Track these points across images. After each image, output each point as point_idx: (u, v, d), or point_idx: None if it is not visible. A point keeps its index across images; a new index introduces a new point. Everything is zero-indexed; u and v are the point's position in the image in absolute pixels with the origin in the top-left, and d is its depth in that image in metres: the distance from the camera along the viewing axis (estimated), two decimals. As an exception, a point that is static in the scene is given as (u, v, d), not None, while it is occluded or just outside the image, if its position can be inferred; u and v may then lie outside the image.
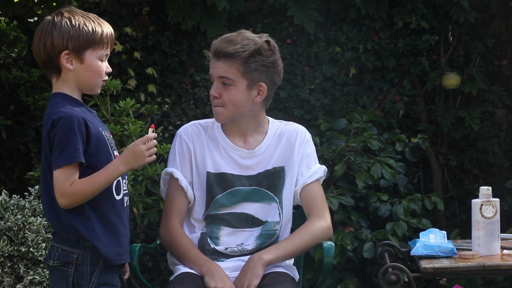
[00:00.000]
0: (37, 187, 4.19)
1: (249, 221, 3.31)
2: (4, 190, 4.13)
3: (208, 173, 3.30)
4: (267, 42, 3.30)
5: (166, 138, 5.13)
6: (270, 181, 3.32)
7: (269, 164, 3.32)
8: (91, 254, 2.94)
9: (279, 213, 3.33)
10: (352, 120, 5.08)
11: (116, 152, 3.04)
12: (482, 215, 3.42)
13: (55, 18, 2.98)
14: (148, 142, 2.93)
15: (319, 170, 3.35)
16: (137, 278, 3.14)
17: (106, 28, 3.01)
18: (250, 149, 3.32)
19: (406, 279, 3.35)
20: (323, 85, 5.30)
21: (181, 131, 3.36)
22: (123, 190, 3.03)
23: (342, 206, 4.77)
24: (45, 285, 3.89)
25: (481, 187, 3.48)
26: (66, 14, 2.99)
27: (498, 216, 3.44)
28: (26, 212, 4.01)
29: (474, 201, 3.46)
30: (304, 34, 5.17)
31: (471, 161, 5.34)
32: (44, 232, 3.92)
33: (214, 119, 3.35)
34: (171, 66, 5.20)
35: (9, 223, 3.89)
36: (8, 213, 3.96)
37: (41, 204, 4.10)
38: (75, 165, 2.89)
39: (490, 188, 3.47)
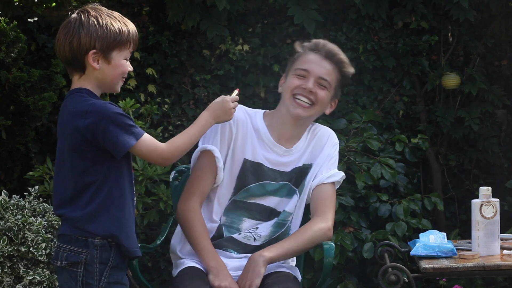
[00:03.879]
0: (37, 187, 4.19)
1: (269, 213, 3.36)
2: (4, 190, 4.13)
3: (246, 160, 3.33)
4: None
5: (166, 138, 5.13)
6: (298, 177, 3.39)
7: (301, 162, 3.39)
8: (100, 253, 2.95)
9: (296, 205, 3.36)
10: (352, 120, 5.08)
11: None
12: (482, 215, 3.43)
13: (82, 17, 2.97)
14: (234, 101, 3.18)
15: (338, 174, 3.41)
16: (137, 278, 3.14)
17: (131, 27, 3.03)
18: (287, 147, 3.37)
19: (406, 279, 3.35)
20: (323, 85, 5.29)
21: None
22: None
23: (342, 206, 4.77)
24: (45, 285, 3.89)
25: (481, 187, 3.48)
26: (92, 13, 2.98)
27: (498, 216, 3.45)
28: (26, 212, 4.01)
29: (474, 201, 3.46)
30: (304, 34, 5.16)
31: (471, 161, 5.34)
32: (44, 232, 3.92)
33: (257, 110, 3.41)
34: (171, 66, 5.20)
35: (9, 223, 3.90)
36: (8, 213, 3.96)
37: (41, 204, 4.10)
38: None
39: (490, 188, 3.47)
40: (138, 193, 4.39)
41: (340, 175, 3.42)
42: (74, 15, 2.99)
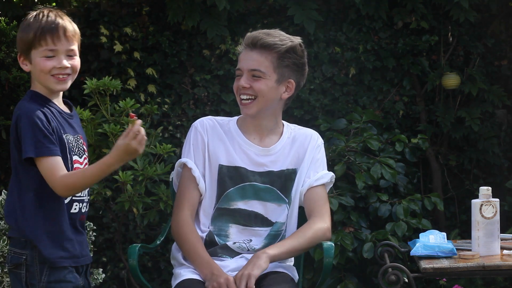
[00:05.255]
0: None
1: (258, 220, 3.32)
2: (4, 190, 4.13)
3: (221, 166, 3.31)
4: (301, 44, 3.34)
5: (166, 138, 5.13)
6: (283, 182, 3.35)
7: (284, 165, 3.35)
8: (39, 254, 2.95)
9: (287, 214, 3.34)
10: (352, 120, 5.08)
11: (76, 157, 3.03)
12: (482, 215, 3.42)
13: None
14: (137, 136, 2.90)
15: (327, 176, 3.38)
16: (136, 278, 3.14)
17: (50, 22, 2.98)
18: (264, 146, 3.34)
19: (406, 279, 3.35)
20: (323, 85, 5.30)
21: (197, 123, 3.39)
22: (78, 201, 3.04)
23: (342, 206, 4.77)
24: (45, 285, 3.88)
25: (481, 187, 3.48)
26: (27, 17, 3.03)
27: (498, 216, 3.44)
28: (26, 212, 4.00)
29: (474, 201, 3.46)
30: (304, 34, 5.16)
31: (471, 161, 5.34)
32: (44, 232, 3.91)
33: (230, 118, 3.38)
34: (171, 66, 5.20)
35: (9, 223, 3.88)
36: (8, 213, 3.95)
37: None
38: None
39: (490, 188, 3.47)
40: (138, 193, 4.39)
41: (329, 176, 3.39)
42: None
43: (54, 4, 5.27)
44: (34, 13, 3.01)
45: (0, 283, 3.90)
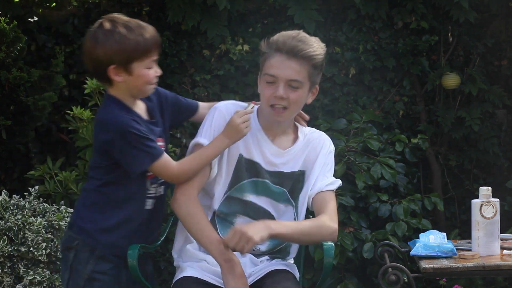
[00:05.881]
0: (37, 187, 4.19)
1: (266, 217, 3.28)
2: (4, 190, 4.13)
3: (241, 156, 3.27)
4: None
5: (166, 138, 5.13)
6: (292, 184, 3.32)
7: (295, 167, 3.32)
8: (92, 241, 3.04)
9: (294, 218, 3.33)
10: (352, 120, 5.08)
11: None
12: (482, 215, 3.43)
13: (98, 33, 3.01)
14: (243, 116, 3.16)
15: (336, 182, 3.35)
16: (136, 278, 3.14)
17: (149, 35, 3.06)
18: (282, 148, 3.31)
19: (406, 279, 3.35)
20: (322, 85, 5.30)
21: (221, 106, 3.31)
22: (150, 193, 3.14)
23: (342, 206, 4.77)
24: (45, 285, 3.89)
25: (481, 187, 3.48)
26: (108, 26, 3.01)
27: (498, 216, 3.45)
28: (26, 212, 4.02)
29: (474, 201, 3.46)
30: (304, 34, 5.16)
31: (471, 161, 5.34)
32: (44, 232, 3.92)
33: (248, 103, 3.34)
34: (171, 66, 5.20)
35: (9, 223, 3.90)
36: (8, 213, 3.96)
37: (41, 204, 4.11)
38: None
39: (490, 188, 3.47)
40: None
41: (338, 183, 3.38)
42: (92, 29, 3.04)
43: (54, 4, 5.27)
44: (121, 21, 3.02)
45: (0, 283, 3.90)
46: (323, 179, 3.33)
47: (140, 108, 3.13)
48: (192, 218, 3.18)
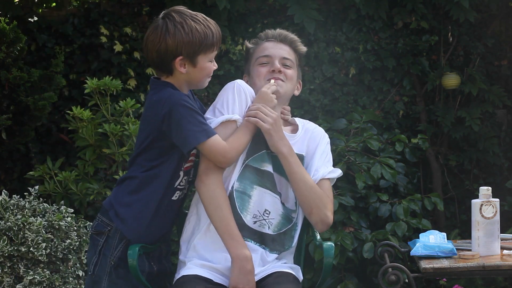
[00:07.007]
0: (37, 187, 4.19)
1: (274, 185, 3.33)
2: (4, 190, 4.13)
3: (258, 129, 3.30)
4: None
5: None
6: None
7: (301, 150, 3.38)
8: (124, 228, 3.09)
9: (295, 202, 3.35)
10: (352, 120, 5.08)
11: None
12: (482, 215, 3.43)
13: (168, 23, 3.05)
14: (271, 87, 3.23)
15: (337, 171, 3.40)
16: (137, 278, 3.14)
17: (215, 29, 3.09)
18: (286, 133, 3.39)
19: (406, 279, 3.35)
20: (323, 85, 5.30)
21: (240, 82, 3.34)
22: (181, 185, 3.17)
23: (342, 206, 4.77)
24: (45, 285, 3.89)
25: (481, 187, 3.48)
26: (177, 18, 3.05)
27: (498, 216, 3.45)
28: (26, 212, 4.02)
29: (474, 201, 3.46)
30: (304, 34, 5.17)
31: (471, 161, 5.34)
32: (44, 232, 3.92)
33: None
34: (171, 66, 5.19)
35: (9, 223, 3.90)
36: (8, 213, 3.96)
37: (41, 204, 4.11)
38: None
39: (490, 188, 3.47)
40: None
41: (338, 172, 3.42)
42: (160, 20, 3.07)
43: (54, 4, 5.27)
44: (188, 14, 3.07)
45: (0, 283, 3.90)
46: (325, 168, 3.36)
47: None
48: (216, 203, 3.20)
